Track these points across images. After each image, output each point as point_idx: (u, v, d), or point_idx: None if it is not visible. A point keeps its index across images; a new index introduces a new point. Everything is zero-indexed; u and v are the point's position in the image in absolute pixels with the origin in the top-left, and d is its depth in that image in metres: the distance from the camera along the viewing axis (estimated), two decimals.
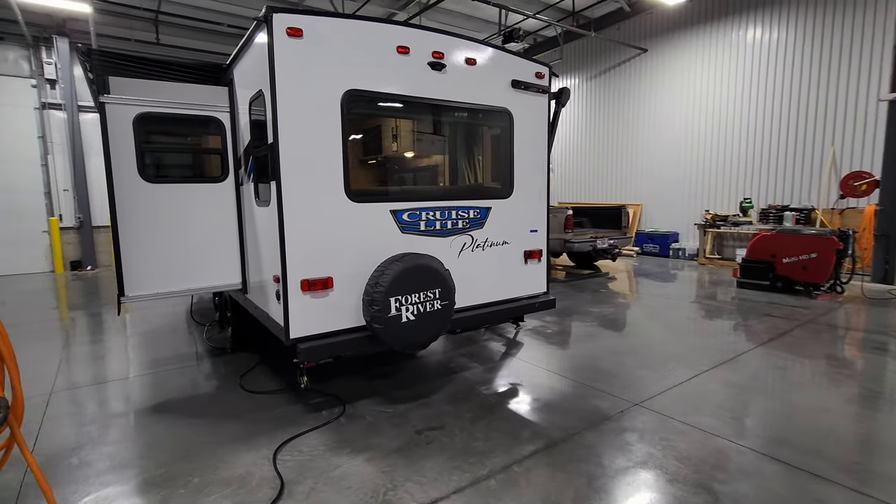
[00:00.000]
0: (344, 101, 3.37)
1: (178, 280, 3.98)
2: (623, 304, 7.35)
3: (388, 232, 3.67)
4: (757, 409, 3.70)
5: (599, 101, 13.84)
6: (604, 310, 6.95)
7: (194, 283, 4.06)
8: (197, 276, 4.06)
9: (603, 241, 9.65)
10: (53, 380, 4.53)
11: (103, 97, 3.56)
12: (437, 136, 4.61)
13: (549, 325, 6.13)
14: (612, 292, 8.21)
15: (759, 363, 4.69)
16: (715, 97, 11.31)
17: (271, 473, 2.92)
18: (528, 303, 4.53)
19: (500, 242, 4.36)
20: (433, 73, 3.77)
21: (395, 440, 3.31)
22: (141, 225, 3.81)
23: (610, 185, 13.84)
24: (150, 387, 4.32)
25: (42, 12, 9.97)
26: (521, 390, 4.12)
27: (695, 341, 5.41)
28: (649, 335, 5.67)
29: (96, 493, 2.75)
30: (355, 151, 4.20)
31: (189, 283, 4.03)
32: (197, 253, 4.04)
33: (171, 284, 3.98)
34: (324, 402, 3.91)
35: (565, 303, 7.42)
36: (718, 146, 11.34)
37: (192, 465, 3.02)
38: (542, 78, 4.48)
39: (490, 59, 4.12)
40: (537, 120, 4.52)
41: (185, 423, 3.61)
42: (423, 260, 3.47)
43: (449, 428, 3.47)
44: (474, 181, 4.78)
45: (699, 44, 11.52)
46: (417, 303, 3.37)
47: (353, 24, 3.38)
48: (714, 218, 11.01)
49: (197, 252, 4.04)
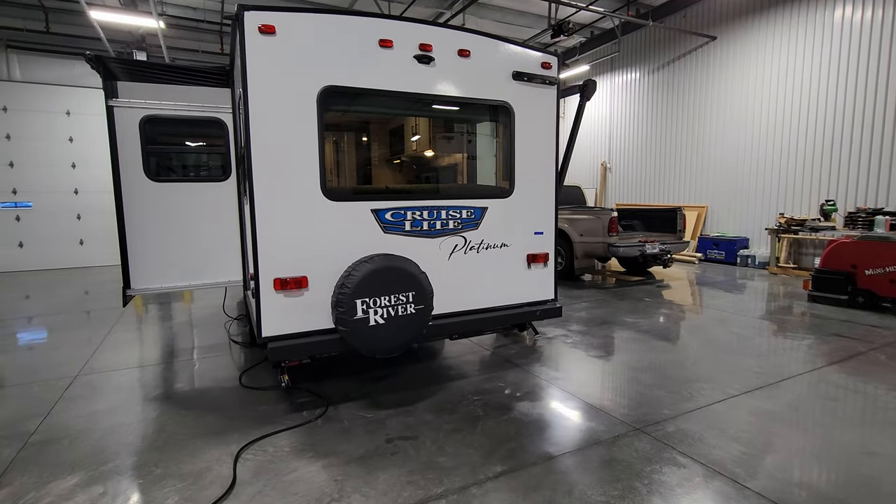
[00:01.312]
0: (321, 98, 3.32)
1: (181, 275, 4.15)
2: (665, 315, 6.71)
3: (368, 232, 3.57)
4: (782, 445, 3.15)
5: (661, 95, 12.87)
6: (640, 321, 6.38)
7: (197, 279, 4.21)
8: (199, 271, 4.20)
9: (653, 245, 8.93)
10: (86, 362, 4.93)
11: (111, 101, 3.78)
12: (425, 133, 4.44)
13: (572, 335, 5.72)
14: (658, 301, 7.54)
15: (804, 390, 4.03)
16: (794, 86, 10.08)
17: (229, 471, 2.92)
18: (529, 310, 4.22)
19: (499, 245, 4.10)
20: (420, 67, 3.61)
21: (362, 447, 3.19)
22: (146, 222, 4.01)
23: (671, 185, 12.82)
24: (161, 376, 4.55)
25: (123, 30, 11.05)
26: (513, 404, 3.84)
27: (735, 361, 4.78)
28: (682, 351, 5.10)
29: (63, 477, 2.89)
30: (336, 149, 4.17)
31: (192, 278, 4.18)
32: (200, 249, 4.18)
33: (174, 279, 4.16)
34: (309, 402, 3.89)
35: (599, 311, 6.92)
36: (797, 141, 10.09)
37: (161, 457, 3.10)
38: (549, 69, 4.16)
39: (487, 50, 3.88)
40: (544, 114, 4.20)
41: (174, 413, 3.74)
42: (394, 262, 3.32)
43: (421, 439, 3.30)
44: (469, 179, 4.54)
45: (776, 27, 10.33)
46: (387, 306, 3.23)
47: (330, 19, 3.31)
48: (789, 222, 9.80)
49: (200, 249, 4.18)
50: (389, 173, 4.79)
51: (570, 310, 7.03)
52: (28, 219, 11.96)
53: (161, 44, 10.33)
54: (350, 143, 4.76)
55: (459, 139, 4.63)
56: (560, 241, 9.40)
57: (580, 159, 15.86)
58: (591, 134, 15.31)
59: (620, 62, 13.87)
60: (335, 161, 4.67)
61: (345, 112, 4.27)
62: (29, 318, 7.05)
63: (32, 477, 2.89)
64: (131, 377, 4.51)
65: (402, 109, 4.14)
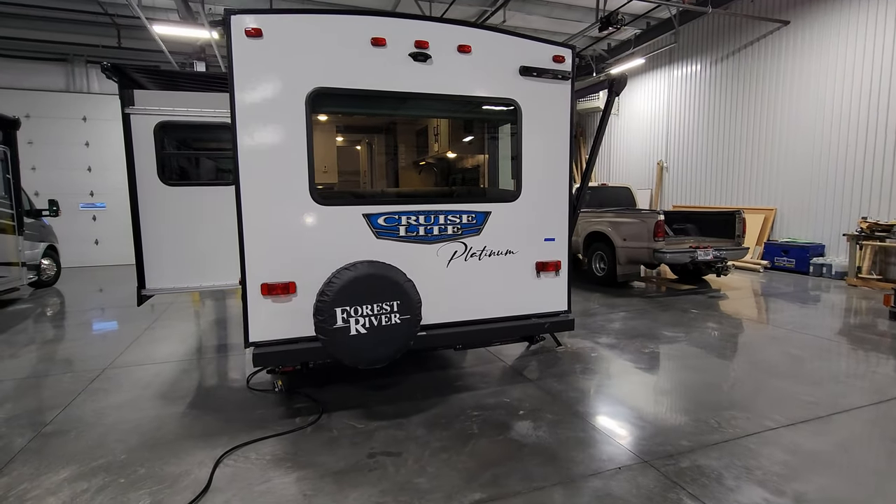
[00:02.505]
0: (309, 101, 3.25)
1: (192, 276, 4.26)
2: (710, 329, 6.09)
3: (360, 238, 3.45)
4: (820, 497, 2.67)
5: (725, 87, 11.84)
6: (679, 335, 5.83)
7: (207, 281, 4.30)
8: (210, 273, 4.29)
9: (706, 251, 8.19)
10: (118, 356, 5.21)
11: (128, 108, 3.94)
12: (421, 135, 4.25)
13: (599, 348, 5.32)
14: (706, 314, 6.88)
15: (863, 428, 3.44)
16: (879, 74, 8.87)
17: (206, 476, 2.91)
18: (537, 322, 3.92)
19: (503, 252, 3.84)
20: (416, 65, 3.45)
21: (342, 461, 3.08)
22: (160, 224, 4.14)
23: (735, 186, 11.76)
24: (177, 373, 4.70)
25: (184, 42, 11.79)
26: (513, 422, 3.57)
27: (782, 387, 4.21)
28: (720, 372, 4.57)
29: (57, 470, 3.00)
30: (326, 151, 4.08)
31: (202, 280, 4.28)
32: (210, 252, 4.27)
33: (186, 280, 4.28)
34: (306, 408, 3.84)
35: (636, 322, 6.41)
36: (883, 137, 8.88)
37: (150, 456, 3.15)
38: (562, 62, 3.84)
39: (491, 44, 3.64)
40: (556, 111, 3.89)
41: (176, 412, 3.83)
42: (377, 269, 3.17)
43: (405, 456, 3.13)
44: (470, 182, 4.30)
45: (859, 7, 9.15)
46: (370, 315, 3.09)
47: (319, 20, 3.23)
48: (873, 227, 8.65)
49: (210, 251, 4.27)
50: (384, 176, 4.66)
51: (603, 320, 6.58)
52: (103, 218, 13.09)
53: (216, 53, 10.90)
54: (342, 145, 4.68)
55: (458, 139, 4.41)
56: (602, 246, 8.88)
57: (634, 158, 15.00)
58: (646, 131, 14.43)
59: (679, 53, 12.94)
60: (326, 164, 4.61)
61: (336, 114, 4.19)
62: (90, 310, 7.65)
63: (31, 468, 3.03)
64: (151, 373, 4.70)
65: (398, 110, 3.99)
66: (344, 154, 5.99)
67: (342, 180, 5.46)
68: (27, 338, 6.07)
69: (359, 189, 4.75)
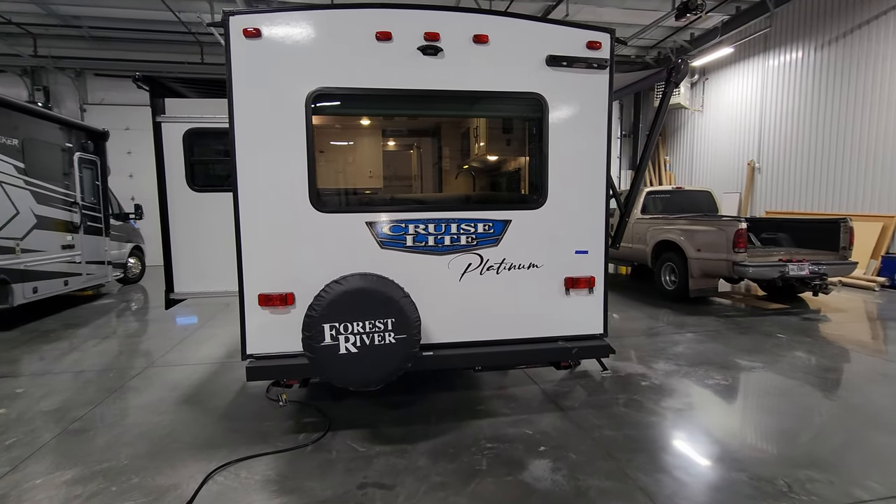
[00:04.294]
0: (309, 103, 3.06)
1: (217, 281, 4.28)
2: (799, 360, 5.12)
3: (362, 247, 3.20)
4: None
5: (831, 76, 10.24)
6: (756, 364, 4.96)
7: (234, 286, 4.29)
8: (233, 279, 4.28)
9: (801, 265, 7.03)
10: (162, 355, 5.45)
11: (159, 117, 4.05)
12: (433, 135, 3.90)
13: (652, 376, 4.65)
14: (796, 340, 5.84)
15: None
16: None
17: (192, 492, 2.81)
18: (563, 346, 3.43)
19: (526, 265, 3.40)
20: (426, 60, 3.14)
21: (330, 489, 2.84)
22: (188, 230, 4.21)
23: (842, 189, 10.11)
24: (210, 375, 4.77)
25: None
26: (529, 461, 3.12)
27: (886, 443, 3.34)
28: (803, 416, 3.75)
29: (63, 470, 3.06)
30: (328, 156, 3.87)
31: (230, 284, 4.28)
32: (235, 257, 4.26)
33: (213, 285, 4.31)
34: (313, 424, 3.67)
35: (704, 346, 5.59)
36: None
37: (148, 465, 3.12)
38: (598, 48, 3.33)
39: (511, 32, 3.23)
40: (590, 105, 3.38)
41: (188, 418, 3.82)
42: (369, 283, 2.89)
43: (398, 490, 2.82)
44: (488, 186, 3.88)
45: None
46: (361, 333, 2.82)
47: (318, 16, 3.03)
48: None
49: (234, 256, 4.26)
50: (390, 181, 4.38)
51: (665, 341, 5.81)
52: None
53: None
54: (344, 148, 4.47)
55: (476, 140, 4.01)
56: (673, 257, 7.97)
57: (720, 159, 13.51)
58: (735, 128, 12.93)
59: (774, 40, 11.42)
60: (327, 169, 4.43)
61: (339, 115, 3.99)
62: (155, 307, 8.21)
63: (43, 466, 3.12)
64: (183, 374, 4.81)
65: (406, 109, 3.69)
66: (392, 158, 5.85)
67: (387, 185, 5.31)
68: (98, 332, 6.60)
69: (366, 194, 4.53)
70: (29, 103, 7.41)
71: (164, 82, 4.28)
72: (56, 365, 5.19)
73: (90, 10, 10.87)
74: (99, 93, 13.42)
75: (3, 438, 3.49)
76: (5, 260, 6.29)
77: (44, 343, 6.04)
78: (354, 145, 5.25)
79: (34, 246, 6.80)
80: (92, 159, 8.34)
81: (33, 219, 6.79)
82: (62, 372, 4.95)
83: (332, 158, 5.22)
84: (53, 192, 7.26)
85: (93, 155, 8.37)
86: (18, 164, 6.56)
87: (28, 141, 6.77)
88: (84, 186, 8.02)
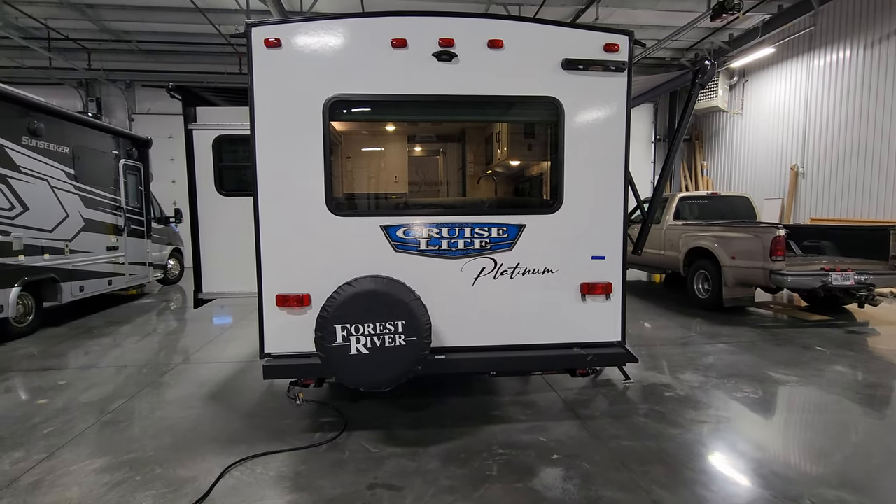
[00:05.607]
0: (327, 109, 3.15)
1: (243, 282, 4.42)
2: (839, 374, 4.84)
3: (377, 250, 3.25)
4: None
5: (883, 76, 9.66)
6: (791, 378, 4.72)
7: (255, 287, 4.44)
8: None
9: (845, 275, 6.65)
10: (195, 352, 5.68)
11: (190, 125, 4.25)
12: (447, 140, 3.90)
13: (678, 387, 4.49)
14: (837, 353, 5.52)
15: None
16: None
17: (208, 486, 2.91)
18: (578, 353, 3.36)
19: (540, 270, 3.36)
20: (440, 66, 3.17)
21: (339, 488, 2.88)
22: (217, 232, 4.39)
23: (892, 194, 9.50)
24: (236, 373, 4.92)
25: None
26: (540, 468, 3.07)
27: None
28: (837, 434, 3.54)
29: (93, 459, 3.23)
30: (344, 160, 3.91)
31: (252, 286, 4.42)
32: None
33: (240, 286, 4.47)
34: (330, 423, 3.74)
35: (736, 357, 5.36)
36: None
37: (171, 457, 3.26)
38: (615, 51, 3.27)
39: (526, 36, 3.22)
40: (607, 109, 3.32)
41: (213, 413, 3.96)
42: (380, 285, 2.92)
43: (405, 493, 2.84)
44: (502, 191, 3.85)
45: None
46: (372, 335, 2.85)
47: (336, 24, 3.11)
48: None
49: None
50: (405, 186, 4.41)
51: (695, 352, 5.61)
52: None
53: None
54: (360, 154, 4.53)
55: (491, 145, 4.00)
56: (706, 264, 7.69)
57: (761, 163, 12.97)
58: (777, 131, 12.39)
59: (819, 39, 10.90)
60: (343, 174, 4.49)
61: (356, 121, 4.05)
62: (190, 307, 8.54)
63: (76, 454, 3.31)
64: (212, 371, 5.00)
65: (421, 115, 3.73)
66: (418, 163, 5.93)
67: (412, 190, 5.37)
68: (138, 329, 6.94)
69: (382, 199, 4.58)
70: (80, 113, 7.90)
71: (196, 91, 4.50)
72: (98, 360, 5.48)
73: (139, 25, 11.52)
74: (146, 103, 14.18)
75: (42, 427, 3.72)
76: (55, 260, 6.71)
77: (88, 339, 6.40)
78: (380, 151, 5.35)
79: (81, 247, 7.23)
80: (136, 166, 8.81)
81: (81, 222, 7.22)
82: (104, 367, 5.22)
83: (358, 164, 5.34)
84: (100, 197, 7.70)
85: (137, 161, 8.84)
86: (69, 171, 7.01)
87: (78, 148, 7.23)
88: (128, 191, 8.47)
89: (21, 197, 6.10)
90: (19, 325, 6.34)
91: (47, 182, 6.58)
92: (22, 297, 6.29)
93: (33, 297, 6.57)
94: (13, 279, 6.04)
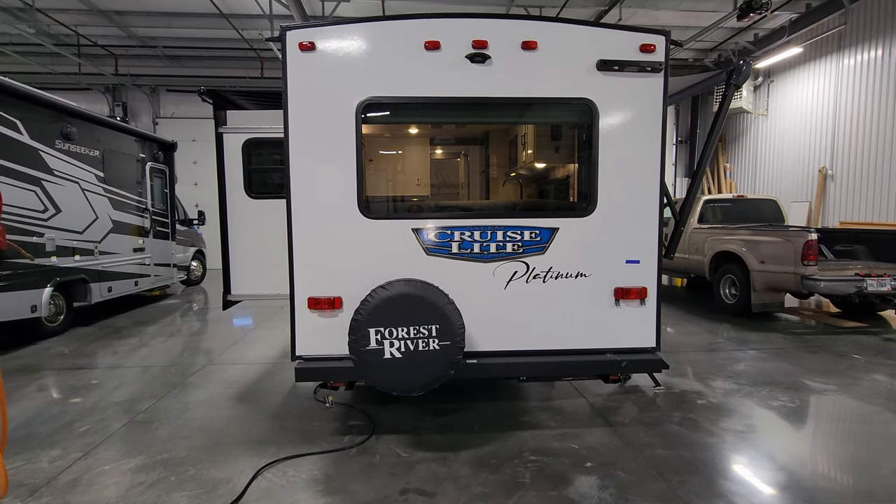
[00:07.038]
0: (360, 112, 3.15)
1: (272, 285, 4.46)
2: (879, 383, 4.68)
3: (409, 253, 3.24)
4: None
5: None
6: (828, 386, 4.58)
7: (284, 289, 4.45)
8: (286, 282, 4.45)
9: (880, 281, 6.45)
10: (221, 353, 5.73)
11: (221, 128, 4.29)
12: (480, 143, 3.87)
13: (709, 394, 4.39)
14: (875, 361, 5.34)
15: None
16: None
17: (241, 487, 2.92)
18: (612, 359, 3.30)
19: (573, 274, 3.31)
20: (473, 68, 3.15)
21: (372, 493, 2.87)
22: (245, 235, 4.42)
23: None
24: (263, 375, 4.95)
25: None
26: (574, 476, 3.01)
27: None
28: (882, 446, 3.41)
29: (129, 458, 3.27)
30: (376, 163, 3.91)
31: (280, 288, 4.44)
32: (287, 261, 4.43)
33: (268, 288, 4.50)
34: (358, 426, 3.73)
35: (769, 365, 5.22)
36: None
37: (203, 458, 3.28)
38: (651, 51, 3.21)
39: (560, 38, 3.18)
40: (643, 110, 3.26)
41: (242, 414, 3.99)
42: (413, 289, 2.90)
43: (438, 498, 2.81)
44: (536, 194, 3.80)
45: None
46: (405, 339, 2.83)
47: (369, 27, 3.12)
48: None
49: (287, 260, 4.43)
50: (437, 188, 4.39)
51: (726, 358, 5.48)
52: None
53: None
54: (392, 157, 4.52)
55: (515, 147, 3.96)
56: (734, 269, 7.53)
57: (787, 165, 12.67)
58: (804, 132, 12.10)
59: (850, 38, 10.62)
60: (377, 177, 4.49)
61: (388, 123, 4.05)
62: (214, 308, 8.66)
63: (112, 453, 3.35)
64: (239, 372, 5.03)
65: (454, 117, 3.70)
66: (440, 166, 5.92)
67: (434, 192, 5.37)
68: (164, 330, 7.04)
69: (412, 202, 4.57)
70: (109, 118, 8.07)
71: (226, 95, 4.55)
72: (127, 359, 5.57)
73: (164, 31, 11.75)
74: (170, 107, 14.45)
75: (78, 426, 3.78)
76: (85, 261, 6.86)
77: (117, 339, 6.51)
78: (403, 153, 5.36)
79: (110, 249, 7.38)
80: (162, 169, 8.96)
81: (110, 223, 7.37)
82: (132, 366, 5.30)
83: (381, 167, 5.36)
84: (128, 199, 7.85)
85: (162, 165, 8.99)
86: (99, 174, 7.16)
87: (107, 152, 7.38)
88: (154, 194, 8.62)
89: (54, 199, 6.24)
90: (51, 325, 6.48)
91: (78, 185, 6.72)
92: (54, 298, 6.43)
93: (64, 297, 6.71)
94: (46, 280, 6.18)
